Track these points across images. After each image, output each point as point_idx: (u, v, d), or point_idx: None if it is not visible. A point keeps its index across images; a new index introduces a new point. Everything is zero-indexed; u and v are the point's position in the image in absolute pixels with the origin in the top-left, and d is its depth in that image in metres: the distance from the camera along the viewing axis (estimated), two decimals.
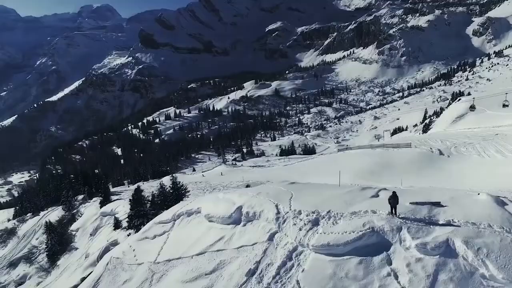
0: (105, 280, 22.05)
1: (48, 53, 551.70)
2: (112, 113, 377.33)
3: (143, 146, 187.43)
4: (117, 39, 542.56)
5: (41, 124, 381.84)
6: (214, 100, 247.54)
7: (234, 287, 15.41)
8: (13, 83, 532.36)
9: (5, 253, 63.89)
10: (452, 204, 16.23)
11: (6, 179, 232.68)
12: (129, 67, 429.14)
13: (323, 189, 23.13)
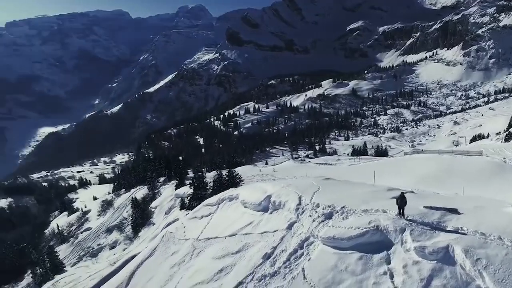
0: (159, 250, 23.88)
1: (149, 50, 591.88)
2: (198, 105, 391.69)
3: (223, 137, 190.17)
4: (207, 37, 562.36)
5: (140, 112, 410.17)
6: (292, 97, 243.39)
7: (251, 267, 16.15)
8: (122, 76, 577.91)
9: (104, 220, 69.98)
10: (471, 212, 15.29)
11: (112, 158, 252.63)
12: (216, 63, 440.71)
13: (351, 187, 23.29)
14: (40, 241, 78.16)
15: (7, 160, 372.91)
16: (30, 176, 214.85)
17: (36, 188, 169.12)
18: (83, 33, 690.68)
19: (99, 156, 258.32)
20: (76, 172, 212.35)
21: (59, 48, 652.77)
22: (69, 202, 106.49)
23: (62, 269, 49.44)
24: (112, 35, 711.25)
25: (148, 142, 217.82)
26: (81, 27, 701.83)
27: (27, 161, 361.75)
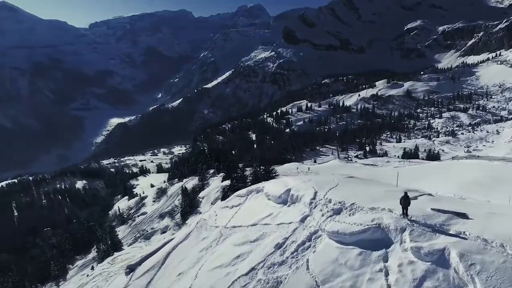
0: (193, 234, 25.44)
1: (209, 47, 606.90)
2: (253, 102, 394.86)
3: (274, 134, 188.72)
4: (263, 35, 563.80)
5: (198, 107, 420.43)
6: (345, 96, 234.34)
7: (264, 255, 16.83)
8: (183, 72, 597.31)
9: (158, 206, 73.29)
10: (481, 218, 14.78)
11: (170, 149, 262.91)
12: (271, 61, 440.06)
13: (370, 186, 23.24)
14: (105, 220, 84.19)
15: (84, 147, 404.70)
16: (101, 162, 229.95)
17: (105, 173, 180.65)
18: (150, 32, 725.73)
19: (159, 147, 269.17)
20: (139, 160, 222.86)
21: (130, 46, 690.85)
22: (130, 188, 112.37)
23: (120, 247, 52.89)
24: (176, 34, 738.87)
25: (203, 135, 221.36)
26: (149, 26, 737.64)
27: (99, 148, 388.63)
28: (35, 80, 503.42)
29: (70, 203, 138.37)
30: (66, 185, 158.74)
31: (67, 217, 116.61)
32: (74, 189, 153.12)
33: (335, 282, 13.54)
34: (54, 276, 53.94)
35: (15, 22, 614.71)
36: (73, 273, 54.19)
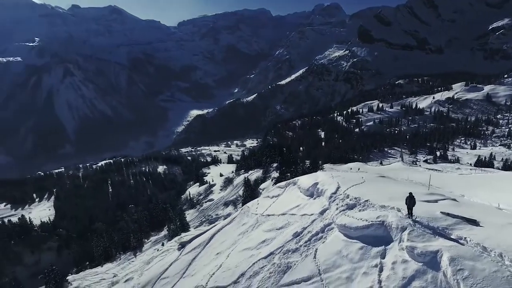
0: (236, 220, 26.90)
1: (284, 45, 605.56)
2: (325, 100, 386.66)
3: (343, 133, 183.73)
4: (338, 34, 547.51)
5: (271, 103, 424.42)
6: (418, 98, 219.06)
7: (283, 242, 17.75)
8: (259, 68, 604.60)
9: (224, 195, 76.81)
10: (494, 227, 14.17)
11: (243, 142, 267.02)
12: (345, 60, 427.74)
13: (395, 186, 23.15)
14: (177, 203, 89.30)
15: (167, 135, 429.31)
16: (180, 150, 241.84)
17: (183, 160, 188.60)
18: (231, 30, 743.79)
19: (233, 139, 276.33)
20: (213, 150, 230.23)
21: (212, 43, 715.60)
22: (202, 175, 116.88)
23: (187, 229, 55.75)
24: (255, 32, 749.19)
25: (274, 130, 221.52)
26: (230, 24, 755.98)
27: (179, 137, 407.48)
28: (132, 74, 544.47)
29: (152, 185, 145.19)
30: (149, 168, 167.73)
31: (149, 197, 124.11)
32: (156, 173, 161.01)
33: (335, 272, 14.02)
34: (133, 247, 59.70)
35: (120, 23, 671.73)
36: (148, 247, 58.95)
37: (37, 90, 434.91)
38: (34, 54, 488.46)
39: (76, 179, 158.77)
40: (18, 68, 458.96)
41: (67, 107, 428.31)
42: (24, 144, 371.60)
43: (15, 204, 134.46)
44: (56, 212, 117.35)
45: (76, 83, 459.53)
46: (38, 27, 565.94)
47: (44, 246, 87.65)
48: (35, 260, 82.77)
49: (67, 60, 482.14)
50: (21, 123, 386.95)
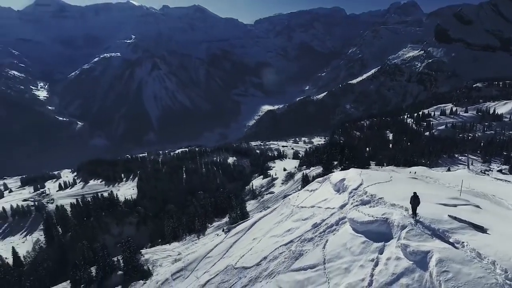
0: (277, 210, 27.96)
1: (358, 44, 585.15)
2: (396, 101, 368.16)
3: (412, 135, 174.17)
4: (414, 33, 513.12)
5: (341, 101, 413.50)
6: (497, 103, 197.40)
7: (303, 231, 18.63)
8: (330, 67, 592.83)
9: (284, 188, 77.58)
10: (499, 236, 13.58)
11: (311, 139, 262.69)
12: (419, 60, 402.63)
13: (421, 187, 22.36)
14: (241, 193, 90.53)
15: (239, 128, 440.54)
16: (250, 143, 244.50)
17: (252, 153, 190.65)
18: (305, 28, 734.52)
19: (301, 136, 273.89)
20: (281, 146, 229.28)
21: (286, 40, 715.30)
22: (267, 169, 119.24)
23: (246, 218, 54.66)
24: (328, 30, 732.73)
25: (341, 129, 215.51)
26: (304, 22, 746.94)
27: (250, 131, 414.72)
28: (210, 69, 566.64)
29: (221, 175, 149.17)
30: (220, 159, 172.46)
31: (217, 186, 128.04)
32: (226, 163, 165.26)
33: (336, 262, 14.64)
34: (197, 230, 63.38)
35: (202, 21, 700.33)
36: (210, 231, 62.04)
37: (130, 81, 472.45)
38: (129, 50, 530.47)
39: (156, 163, 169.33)
40: (117, 63, 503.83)
41: (153, 97, 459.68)
42: (118, 130, 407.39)
43: (108, 182, 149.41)
44: (138, 192, 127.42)
45: (161, 76, 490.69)
46: (135, 26, 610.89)
47: (127, 220, 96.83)
48: (119, 231, 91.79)
49: (156, 55, 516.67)
50: (116, 111, 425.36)
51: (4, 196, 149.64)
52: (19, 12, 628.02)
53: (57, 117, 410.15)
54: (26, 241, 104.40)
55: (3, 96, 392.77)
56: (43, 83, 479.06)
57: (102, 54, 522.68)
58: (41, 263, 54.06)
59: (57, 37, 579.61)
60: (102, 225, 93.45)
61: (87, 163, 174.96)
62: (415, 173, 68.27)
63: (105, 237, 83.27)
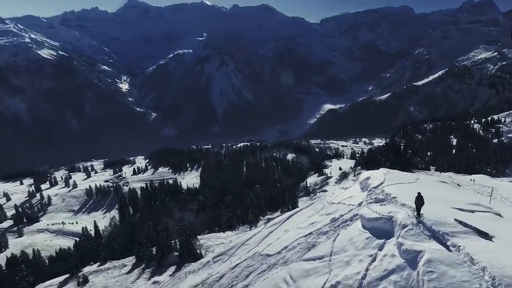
0: (313, 205, 28.95)
1: (425, 44, 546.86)
2: (463, 104, 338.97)
3: (478, 142, 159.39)
4: (488, 33, 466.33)
5: (404, 103, 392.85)
6: None
7: (322, 225, 19.35)
8: (395, 67, 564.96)
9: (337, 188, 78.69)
10: (503, 244, 12.82)
11: (371, 140, 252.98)
12: (492, 63, 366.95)
13: (444, 191, 21.92)
14: (295, 190, 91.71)
15: (300, 126, 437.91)
16: (309, 141, 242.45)
17: (311, 151, 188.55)
18: (370, 27, 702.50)
19: (361, 136, 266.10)
20: (340, 145, 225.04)
21: (351, 40, 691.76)
22: (323, 167, 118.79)
23: None
24: (395, 29, 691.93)
25: (403, 132, 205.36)
26: (370, 22, 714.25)
27: (311, 129, 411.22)
28: (275, 66, 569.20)
29: (280, 170, 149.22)
30: (280, 155, 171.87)
31: (274, 181, 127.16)
32: (285, 159, 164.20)
33: (340, 255, 15.19)
34: (250, 221, 64.66)
35: (269, 19, 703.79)
36: (261, 224, 64.21)
37: (200, 77, 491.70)
38: (201, 47, 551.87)
39: (219, 155, 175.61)
40: (189, 58, 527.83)
41: (219, 92, 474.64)
42: (186, 122, 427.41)
43: (175, 170, 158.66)
44: (201, 181, 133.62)
45: (228, 72, 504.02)
46: (207, 24, 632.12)
47: (188, 207, 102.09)
48: (180, 216, 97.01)
49: (224, 52, 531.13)
50: (186, 104, 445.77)
51: (91, 176, 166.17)
52: (112, 14, 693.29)
53: (135, 107, 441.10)
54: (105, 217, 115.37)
55: (95, 88, 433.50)
56: (125, 76, 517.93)
57: (176, 50, 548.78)
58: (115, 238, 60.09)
59: (140, 35, 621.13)
60: (166, 209, 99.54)
61: (157, 151, 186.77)
62: (473, 180, 64.88)
63: (168, 221, 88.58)
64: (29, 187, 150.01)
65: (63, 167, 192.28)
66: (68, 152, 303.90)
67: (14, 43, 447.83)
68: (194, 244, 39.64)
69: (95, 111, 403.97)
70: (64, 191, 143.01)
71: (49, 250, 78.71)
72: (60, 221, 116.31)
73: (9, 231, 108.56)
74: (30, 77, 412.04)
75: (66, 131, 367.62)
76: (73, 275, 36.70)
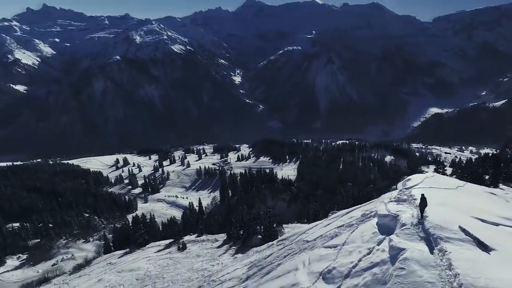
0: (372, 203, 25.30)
1: None
2: None
3: None
4: None
5: None
6: None
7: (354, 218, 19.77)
8: None
9: None
10: (499, 258, 11.52)
11: (478, 150, 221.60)
12: None
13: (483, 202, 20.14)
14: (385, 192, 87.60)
15: (402, 128, 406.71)
16: (411, 144, 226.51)
17: (411, 155, 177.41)
18: (489, 26, 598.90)
19: (467, 144, 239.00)
20: (444, 152, 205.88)
21: (465, 40, 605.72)
22: (418, 173, 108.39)
23: None
24: None
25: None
26: (490, 20, 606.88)
27: (413, 132, 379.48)
28: (381, 65, 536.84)
29: (376, 171, 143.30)
30: (378, 156, 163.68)
31: (369, 182, 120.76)
32: (382, 161, 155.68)
33: (349, 245, 15.74)
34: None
35: (379, 17, 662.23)
36: None
37: (306, 73, 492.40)
38: (309, 44, 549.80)
39: (317, 151, 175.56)
40: (297, 55, 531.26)
41: (323, 89, 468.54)
42: (290, 116, 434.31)
43: (275, 160, 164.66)
44: (297, 173, 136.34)
45: (334, 69, 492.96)
46: (316, 22, 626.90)
47: (281, 196, 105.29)
48: (273, 204, 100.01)
49: (331, 50, 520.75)
50: (291, 98, 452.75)
51: (202, 158, 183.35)
52: (232, 13, 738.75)
53: (245, 99, 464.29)
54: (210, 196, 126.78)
55: (212, 80, 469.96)
56: (239, 70, 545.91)
57: (286, 47, 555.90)
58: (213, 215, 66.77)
59: (255, 32, 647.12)
60: (260, 195, 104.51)
61: (261, 141, 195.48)
62: None
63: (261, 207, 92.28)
64: (154, 162, 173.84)
65: (180, 148, 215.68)
66: (186, 135, 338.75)
67: (155, 40, 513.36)
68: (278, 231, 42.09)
69: (211, 101, 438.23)
70: (180, 169, 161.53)
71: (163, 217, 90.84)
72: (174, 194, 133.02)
73: (139, 197, 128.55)
74: (164, 69, 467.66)
75: (187, 117, 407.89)
76: (175, 241, 42.73)
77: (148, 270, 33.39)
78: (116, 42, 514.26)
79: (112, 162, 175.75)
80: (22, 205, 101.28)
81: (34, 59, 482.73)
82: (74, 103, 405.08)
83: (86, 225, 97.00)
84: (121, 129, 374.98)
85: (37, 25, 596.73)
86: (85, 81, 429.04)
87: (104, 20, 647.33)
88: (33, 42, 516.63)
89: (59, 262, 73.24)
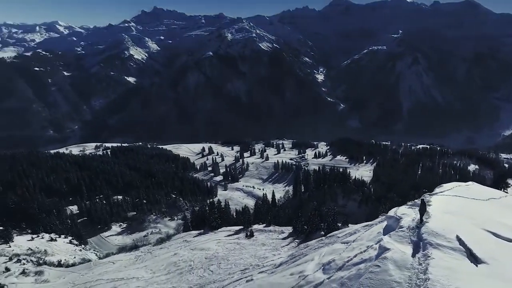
0: None
1: None
2: None
3: None
4: None
5: None
6: None
7: (379, 219, 20.27)
8: None
9: None
10: (485, 273, 10.68)
11: None
12: None
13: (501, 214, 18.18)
14: None
15: (491, 135, 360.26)
16: (499, 154, 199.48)
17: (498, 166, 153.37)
18: None
19: None
20: None
21: None
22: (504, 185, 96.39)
23: None
24: None
25: None
26: None
27: (504, 141, 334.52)
28: (471, 67, 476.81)
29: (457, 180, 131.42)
30: (461, 164, 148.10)
31: None
32: (465, 169, 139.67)
33: (357, 243, 16.21)
34: None
35: (472, 16, 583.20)
36: None
37: (390, 73, 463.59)
38: (395, 44, 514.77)
39: (395, 153, 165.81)
40: (382, 55, 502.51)
41: (408, 90, 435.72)
42: (371, 116, 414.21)
43: (351, 160, 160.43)
44: (373, 175, 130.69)
45: (419, 70, 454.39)
46: (404, 21, 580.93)
47: (352, 196, 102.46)
48: (344, 203, 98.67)
49: (418, 50, 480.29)
50: (373, 98, 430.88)
51: (280, 153, 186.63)
52: (318, 11, 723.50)
53: (326, 97, 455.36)
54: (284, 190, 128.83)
55: (296, 77, 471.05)
56: (322, 68, 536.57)
57: (371, 46, 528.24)
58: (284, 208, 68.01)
59: (339, 31, 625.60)
60: (332, 194, 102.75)
61: (338, 140, 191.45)
62: None
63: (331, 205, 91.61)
64: (236, 153, 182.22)
65: (261, 141, 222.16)
66: (268, 129, 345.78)
67: (245, 37, 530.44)
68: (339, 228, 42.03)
69: (293, 97, 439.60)
70: (259, 161, 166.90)
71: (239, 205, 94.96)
72: (251, 185, 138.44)
73: (219, 184, 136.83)
74: (251, 65, 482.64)
75: (269, 112, 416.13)
76: (245, 228, 45.39)
77: (217, 251, 35.21)
78: (210, 40, 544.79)
79: (199, 150, 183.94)
80: (125, 181, 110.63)
81: (143, 55, 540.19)
82: (171, 94, 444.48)
83: (172, 204, 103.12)
84: (209, 120, 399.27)
85: (148, 25, 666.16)
86: (181, 75, 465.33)
87: (201, 19, 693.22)
88: (144, 40, 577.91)
89: (149, 235, 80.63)
